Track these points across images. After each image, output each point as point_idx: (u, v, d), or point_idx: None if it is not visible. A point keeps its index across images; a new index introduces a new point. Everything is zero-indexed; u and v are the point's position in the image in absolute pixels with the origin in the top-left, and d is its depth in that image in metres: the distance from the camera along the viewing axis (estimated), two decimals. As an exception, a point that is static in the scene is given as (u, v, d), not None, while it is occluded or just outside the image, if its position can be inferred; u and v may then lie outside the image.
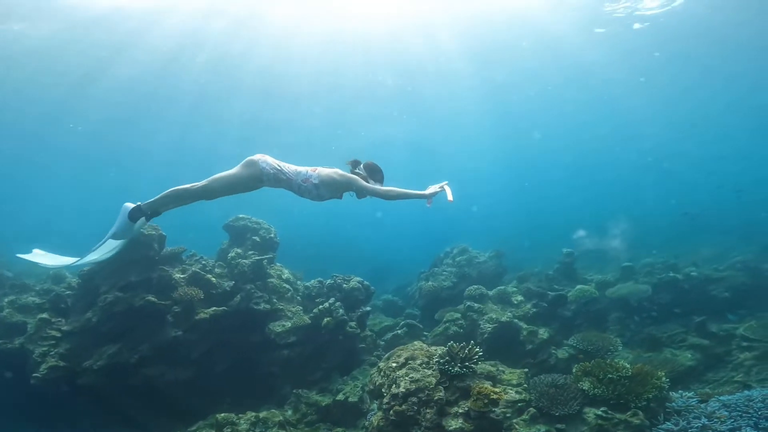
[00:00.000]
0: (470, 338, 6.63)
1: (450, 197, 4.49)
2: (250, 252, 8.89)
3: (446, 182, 4.64)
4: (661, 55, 19.12)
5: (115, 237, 4.94)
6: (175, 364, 7.21)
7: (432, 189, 4.57)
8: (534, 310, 9.34)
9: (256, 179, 4.61)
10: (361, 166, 4.91)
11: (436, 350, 5.45)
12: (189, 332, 7.28)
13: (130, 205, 4.81)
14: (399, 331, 9.61)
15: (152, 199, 4.79)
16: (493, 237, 22.87)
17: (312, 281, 9.34)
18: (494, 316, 8.54)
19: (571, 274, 11.69)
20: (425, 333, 9.47)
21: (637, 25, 16.77)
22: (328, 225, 42.41)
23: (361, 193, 4.71)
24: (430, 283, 12.18)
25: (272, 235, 9.56)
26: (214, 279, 8.04)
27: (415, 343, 5.85)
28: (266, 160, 4.61)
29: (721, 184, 17.50)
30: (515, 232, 35.27)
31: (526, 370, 6.44)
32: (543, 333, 8.46)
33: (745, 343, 7.92)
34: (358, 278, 9.00)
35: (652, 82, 22.46)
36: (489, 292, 9.63)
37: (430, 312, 10.83)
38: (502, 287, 10.27)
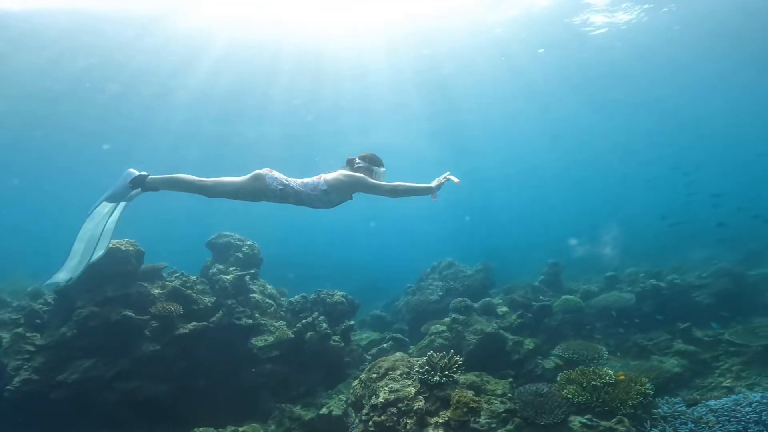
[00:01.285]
0: (456, 350, 6.55)
1: (456, 180, 4.53)
2: (232, 268, 8.80)
3: (448, 172, 4.64)
4: (636, 63, 19.59)
5: (110, 199, 4.75)
6: (154, 379, 7.07)
7: (436, 182, 4.57)
8: (519, 320, 9.29)
9: (260, 193, 4.53)
10: (357, 159, 4.83)
11: (417, 360, 5.37)
12: (168, 347, 7.15)
13: (135, 172, 4.66)
14: (385, 345, 9.52)
15: (157, 176, 4.67)
16: (484, 248, 22.90)
17: (296, 296, 9.22)
18: (480, 328, 8.45)
19: (557, 284, 11.69)
20: (411, 346, 9.37)
21: (595, 34, 17.15)
22: (322, 242, 42.27)
23: (370, 190, 4.65)
24: (416, 297, 12.10)
25: (255, 252, 9.49)
26: (194, 294, 7.94)
27: (397, 354, 5.76)
28: (273, 175, 4.52)
29: (717, 193, 17.72)
30: (508, 242, 35.50)
31: (511, 380, 6.34)
32: (529, 343, 8.38)
33: (732, 348, 7.87)
34: (342, 292, 8.93)
35: (635, 91, 22.96)
36: (474, 304, 9.54)
37: (417, 326, 10.72)
38: (488, 299, 10.21)
